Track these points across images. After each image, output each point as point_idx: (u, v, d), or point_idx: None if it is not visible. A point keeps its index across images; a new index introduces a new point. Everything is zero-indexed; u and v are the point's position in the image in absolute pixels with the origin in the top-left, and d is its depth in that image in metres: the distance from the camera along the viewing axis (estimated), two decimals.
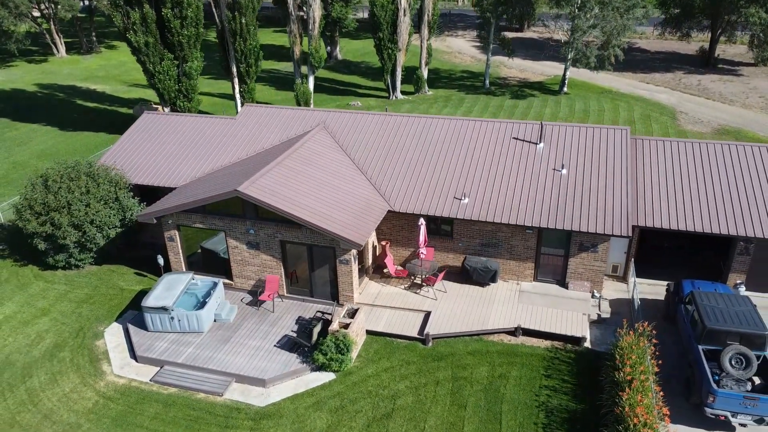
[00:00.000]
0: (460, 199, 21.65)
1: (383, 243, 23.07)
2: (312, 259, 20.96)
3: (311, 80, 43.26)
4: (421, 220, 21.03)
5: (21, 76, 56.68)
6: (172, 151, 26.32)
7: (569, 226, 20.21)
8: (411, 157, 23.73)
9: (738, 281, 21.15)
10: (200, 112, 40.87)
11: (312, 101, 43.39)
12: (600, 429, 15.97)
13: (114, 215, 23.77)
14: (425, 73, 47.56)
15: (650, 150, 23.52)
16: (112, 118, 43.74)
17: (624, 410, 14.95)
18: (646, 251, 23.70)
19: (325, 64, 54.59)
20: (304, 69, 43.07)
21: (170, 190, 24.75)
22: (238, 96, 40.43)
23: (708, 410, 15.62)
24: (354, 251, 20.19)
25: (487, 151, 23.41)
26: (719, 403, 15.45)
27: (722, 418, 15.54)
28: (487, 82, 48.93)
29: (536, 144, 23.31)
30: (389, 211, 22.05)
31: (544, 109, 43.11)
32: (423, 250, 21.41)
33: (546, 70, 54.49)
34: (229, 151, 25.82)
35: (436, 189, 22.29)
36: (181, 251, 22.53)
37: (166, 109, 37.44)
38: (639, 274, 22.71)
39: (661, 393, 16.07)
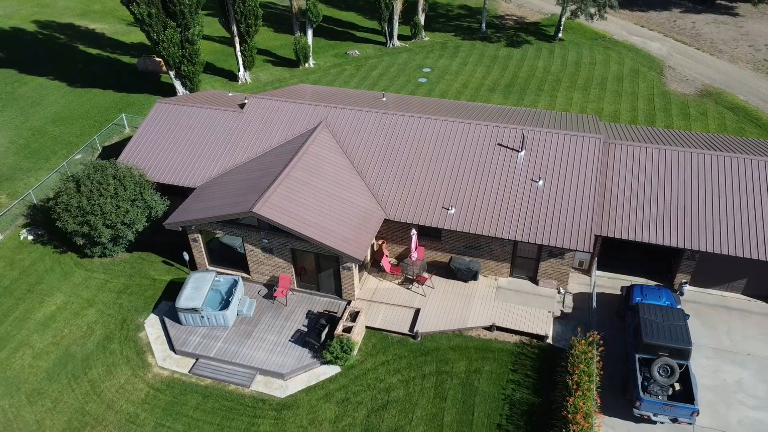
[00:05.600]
0: (448, 209, 24.59)
1: (380, 242, 26.31)
2: (318, 263, 24.32)
3: (309, 34, 44.02)
4: (413, 231, 24.15)
5: (17, 10, 56.53)
6: (186, 147, 28.70)
7: (540, 240, 23.37)
8: (405, 161, 26.28)
9: (683, 281, 24.70)
10: (206, 64, 42.02)
11: (311, 53, 44.44)
12: (551, 422, 20.27)
13: (141, 213, 26.75)
14: (422, 19, 47.94)
15: (621, 156, 26.03)
16: (117, 71, 44.94)
17: (568, 415, 19.11)
18: (609, 246, 26.96)
19: None
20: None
21: (188, 188, 27.48)
22: (239, 56, 41.51)
23: (635, 411, 19.82)
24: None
25: (473, 157, 25.92)
26: (644, 407, 19.60)
27: (646, 417, 19.79)
28: (484, 25, 49.37)
29: (518, 152, 25.80)
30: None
31: (537, 61, 44.31)
32: (414, 255, 24.70)
33: (544, 6, 54.42)
34: (239, 146, 28.20)
35: (426, 197, 25.12)
36: (203, 250, 25.83)
37: (171, 73, 38.95)
38: (601, 267, 26.21)
39: (599, 401, 20.14)
